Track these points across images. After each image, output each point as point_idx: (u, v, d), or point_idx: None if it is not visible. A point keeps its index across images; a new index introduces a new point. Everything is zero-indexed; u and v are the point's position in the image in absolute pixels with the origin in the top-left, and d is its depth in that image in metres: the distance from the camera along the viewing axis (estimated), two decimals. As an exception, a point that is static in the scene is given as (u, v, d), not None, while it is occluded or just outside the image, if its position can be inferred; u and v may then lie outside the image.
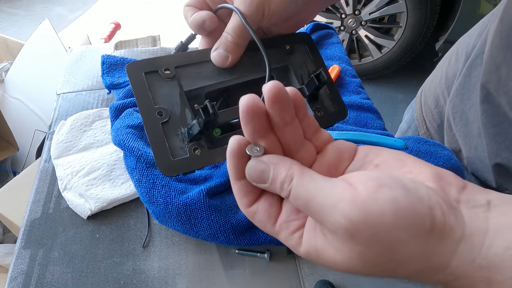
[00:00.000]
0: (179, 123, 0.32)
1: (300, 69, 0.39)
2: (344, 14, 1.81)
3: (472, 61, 0.49)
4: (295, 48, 0.40)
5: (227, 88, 0.37)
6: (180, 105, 0.33)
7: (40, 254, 0.43)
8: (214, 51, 0.35)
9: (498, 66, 0.41)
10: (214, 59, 0.35)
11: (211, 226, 0.40)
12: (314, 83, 0.34)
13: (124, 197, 0.47)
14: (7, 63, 1.30)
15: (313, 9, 0.38)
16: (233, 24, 0.34)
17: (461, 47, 0.54)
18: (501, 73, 0.40)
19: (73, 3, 3.00)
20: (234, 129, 0.35)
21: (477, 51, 0.48)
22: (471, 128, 0.48)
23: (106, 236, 0.45)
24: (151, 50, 0.71)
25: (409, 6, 1.63)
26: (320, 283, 0.41)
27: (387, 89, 2.02)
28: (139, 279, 0.42)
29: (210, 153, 0.32)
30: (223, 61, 0.35)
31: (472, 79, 0.48)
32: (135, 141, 0.43)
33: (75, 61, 0.70)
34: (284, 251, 0.44)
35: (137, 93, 0.32)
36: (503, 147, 0.43)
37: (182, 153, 0.32)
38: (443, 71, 0.59)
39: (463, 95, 0.50)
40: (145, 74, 0.33)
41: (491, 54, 0.42)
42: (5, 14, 2.88)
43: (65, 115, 0.59)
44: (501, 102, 0.41)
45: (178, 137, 0.32)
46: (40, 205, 0.48)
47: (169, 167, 0.30)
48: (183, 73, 0.35)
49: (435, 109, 0.60)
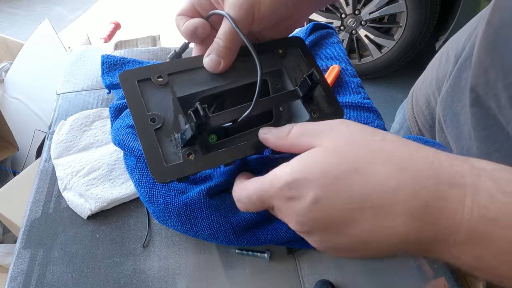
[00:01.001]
0: (173, 129, 0.32)
1: (294, 72, 0.39)
2: (344, 14, 1.81)
3: (462, 63, 0.49)
4: (288, 51, 0.40)
5: (221, 94, 0.37)
6: (174, 111, 0.33)
7: (40, 254, 0.43)
8: (206, 57, 0.36)
9: (486, 69, 0.41)
10: (206, 64, 0.36)
11: (211, 226, 0.40)
12: (307, 83, 0.34)
13: (124, 197, 0.47)
14: (7, 63, 1.30)
15: (304, 11, 0.39)
16: (224, 29, 0.34)
17: (451, 48, 0.54)
18: (490, 76, 0.40)
19: (73, 3, 3.00)
20: (229, 135, 0.35)
21: (467, 53, 0.48)
22: (462, 130, 0.48)
23: (106, 236, 0.45)
24: (151, 50, 0.71)
25: (409, 6, 1.63)
26: (320, 282, 0.41)
27: (387, 89, 2.02)
28: (139, 279, 0.42)
29: (204, 158, 0.32)
30: (216, 66, 0.35)
31: (462, 81, 0.48)
32: (135, 141, 0.43)
33: (75, 61, 0.70)
34: (284, 251, 0.44)
35: (130, 100, 0.32)
36: (493, 150, 0.43)
37: (175, 158, 0.31)
38: (433, 72, 0.59)
39: (454, 97, 0.50)
40: (138, 82, 0.33)
41: (479, 57, 0.42)
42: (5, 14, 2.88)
43: (65, 115, 0.59)
44: (491, 105, 0.41)
45: (172, 143, 0.32)
46: (40, 205, 0.48)
47: (161, 172, 0.30)
48: (176, 80, 0.35)
49: (426, 110, 0.60)
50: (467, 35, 0.51)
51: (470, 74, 0.44)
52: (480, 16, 0.49)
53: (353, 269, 0.43)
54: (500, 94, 0.39)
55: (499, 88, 0.39)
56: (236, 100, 0.35)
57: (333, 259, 0.43)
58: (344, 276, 0.42)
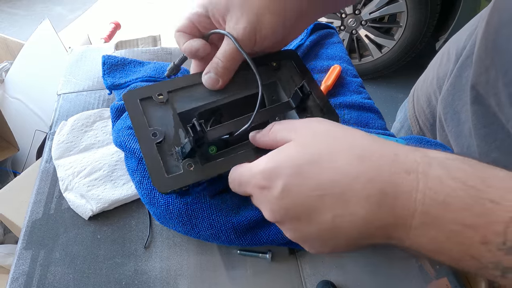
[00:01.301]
0: (174, 142, 0.35)
1: (288, 83, 0.41)
2: (344, 13, 1.81)
3: (463, 61, 0.49)
4: (282, 63, 0.42)
5: (218, 107, 0.39)
6: (174, 126, 0.36)
7: (42, 255, 0.43)
8: (205, 75, 0.37)
9: (487, 68, 0.41)
10: (205, 82, 0.38)
11: (213, 226, 0.40)
12: (298, 95, 0.36)
13: (125, 198, 0.47)
14: (7, 63, 1.30)
15: (300, 29, 0.40)
16: (225, 49, 0.36)
17: (452, 47, 0.55)
18: (490, 75, 0.41)
19: (73, 3, 3.00)
20: (229, 146, 0.37)
21: (467, 52, 0.48)
22: (462, 128, 0.48)
23: (107, 237, 0.45)
24: (152, 50, 0.71)
25: (409, 6, 1.63)
26: (322, 283, 0.41)
27: (388, 89, 2.01)
28: (140, 280, 0.42)
29: (204, 168, 0.34)
30: (214, 84, 0.37)
31: (462, 79, 0.48)
32: (137, 142, 0.43)
33: (75, 61, 0.70)
34: (286, 251, 0.44)
35: (133, 118, 0.35)
36: (493, 148, 0.43)
37: (176, 170, 0.34)
38: (434, 71, 0.59)
39: (454, 95, 0.50)
40: (140, 101, 0.36)
41: (480, 56, 0.43)
42: (5, 14, 2.88)
43: (66, 116, 0.59)
44: (491, 103, 0.41)
45: (173, 156, 0.34)
46: (41, 206, 0.48)
47: (163, 183, 0.32)
48: (176, 96, 0.38)
49: (427, 109, 0.60)
50: (467, 34, 0.51)
51: (470, 73, 0.45)
52: (480, 16, 0.50)
53: (355, 270, 0.43)
54: (500, 92, 0.39)
55: (499, 86, 0.39)
56: (234, 113, 0.37)
57: (335, 259, 0.43)
58: (346, 277, 0.42)
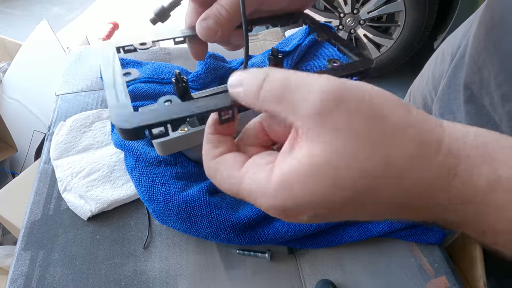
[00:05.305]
0: None
1: None
2: (343, 13, 1.81)
3: (457, 61, 0.49)
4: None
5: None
6: None
7: (41, 256, 0.43)
8: (202, 21, 0.30)
9: (480, 67, 0.41)
10: (201, 30, 0.30)
11: (212, 224, 0.40)
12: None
13: (124, 198, 0.47)
14: (5, 64, 1.30)
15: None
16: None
17: (447, 48, 0.55)
18: (483, 75, 0.41)
19: (71, 3, 2.99)
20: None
21: (462, 51, 0.48)
22: None
23: (106, 237, 0.45)
24: (150, 50, 0.71)
25: (408, 5, 1.63)
26: (321, 282, 0.41)
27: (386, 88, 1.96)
28: (140, 280, 0.42)
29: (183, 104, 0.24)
30: (212, 35, 0.30)
31: (457, 79, 0.48)
32: (135, 141, 0.43)
33: (73, 62, 0.70)
34: (285, 251, 0.44)
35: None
36: None
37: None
38: (430, 71, 0.59)
39: (449, 95, 0.50)
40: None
41: (473, 56, 0.43)
42: (2, 14, 2.87)
43: (64, 116, 0.59)
44: (484, 103, 0.41)
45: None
46: (40, 207, 0.48)
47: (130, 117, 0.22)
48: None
49: (423, 109, 0.60)
50: (462, 34, 0.51)
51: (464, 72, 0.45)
52: (475, 15, 0.50)
53: (354, 269, 0.43)
54: (493, 92, 0.39)
55: (492, 86, 0.39)
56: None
57: (334, 259, 0.44)
58: (345, 276, 0.42)
